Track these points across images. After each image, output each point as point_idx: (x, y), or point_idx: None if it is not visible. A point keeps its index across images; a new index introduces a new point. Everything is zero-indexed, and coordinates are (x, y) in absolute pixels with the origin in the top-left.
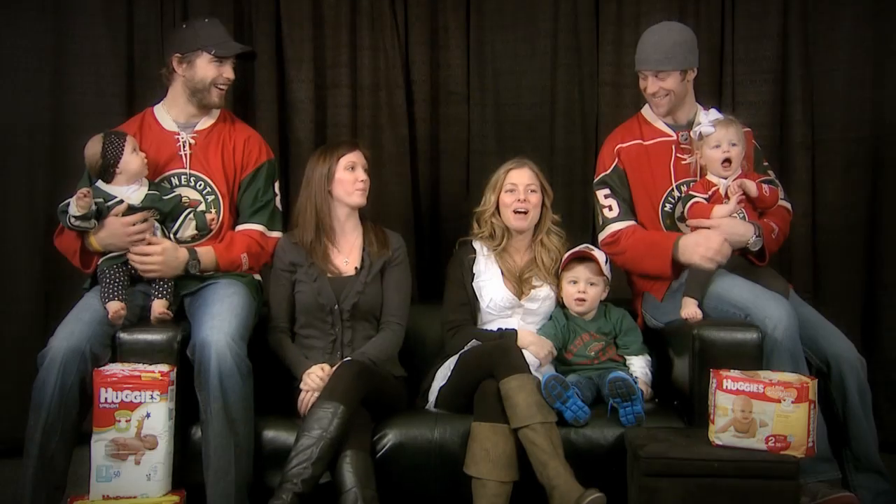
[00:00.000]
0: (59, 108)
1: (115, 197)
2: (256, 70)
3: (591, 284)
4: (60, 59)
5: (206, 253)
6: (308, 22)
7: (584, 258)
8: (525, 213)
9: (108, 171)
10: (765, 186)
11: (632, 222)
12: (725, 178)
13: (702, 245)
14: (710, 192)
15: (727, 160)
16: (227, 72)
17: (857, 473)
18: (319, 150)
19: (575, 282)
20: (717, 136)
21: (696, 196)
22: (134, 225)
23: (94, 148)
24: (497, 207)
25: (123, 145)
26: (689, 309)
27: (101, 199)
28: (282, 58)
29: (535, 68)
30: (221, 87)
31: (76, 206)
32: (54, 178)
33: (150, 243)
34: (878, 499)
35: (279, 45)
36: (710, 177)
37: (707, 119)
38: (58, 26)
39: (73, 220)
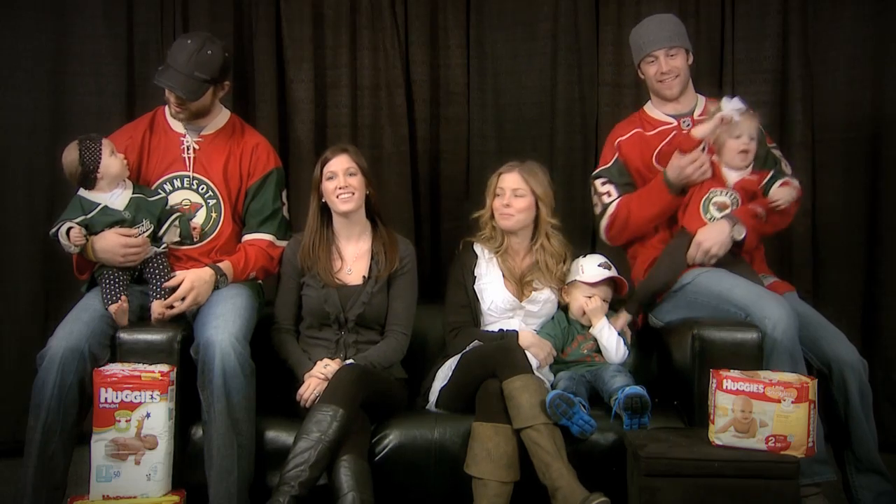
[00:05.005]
0: (59, 108)
1: (99, 205)
2: (256, 70)
3: (604, 301)
4: (60, 59)
5: (227, 268)
6: (308, 22)
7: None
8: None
9: (88, 177)
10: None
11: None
12: (737, 171)
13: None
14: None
15: (745, 151)
16: (171, 95)
17: (859, 475)
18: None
19: (591, 297)
20: (742, 128)
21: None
22: (131, 245)
23: (71, 156)
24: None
25: (100, 149)
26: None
27: (89, 215)
28: (282, 58)
29: (535, 68)
30: (174, 106)
31: (72, 245)
32: (54, 178)
33: (169, 285)
34: (879, 499)
35: (279, 45)
36: (724, 171)
37: (730, 105)
38: (58, 26)
39: (71, 248)
